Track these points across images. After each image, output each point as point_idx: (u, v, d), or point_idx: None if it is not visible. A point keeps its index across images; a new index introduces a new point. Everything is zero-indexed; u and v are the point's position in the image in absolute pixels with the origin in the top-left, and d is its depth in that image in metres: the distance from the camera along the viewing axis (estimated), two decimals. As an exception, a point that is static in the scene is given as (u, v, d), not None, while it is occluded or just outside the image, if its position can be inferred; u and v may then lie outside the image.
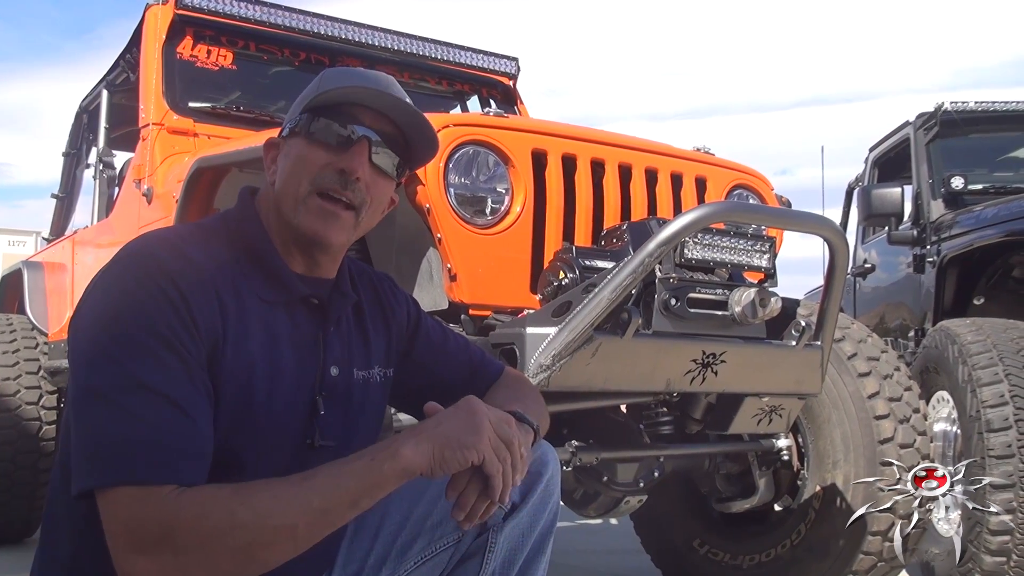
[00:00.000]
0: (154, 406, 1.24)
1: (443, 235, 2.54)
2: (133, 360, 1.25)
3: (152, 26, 3.90)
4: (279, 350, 1.42)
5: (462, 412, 1.34)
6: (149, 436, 1.23)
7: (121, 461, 1.22)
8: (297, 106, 1.50)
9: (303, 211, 1.44)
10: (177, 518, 1.20)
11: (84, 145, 5.11)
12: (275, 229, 1.48)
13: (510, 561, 1.53)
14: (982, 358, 3.49)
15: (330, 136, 1.45)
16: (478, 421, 1.32)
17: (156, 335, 1.26)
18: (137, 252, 1.36)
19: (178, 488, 1.22)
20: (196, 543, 1.21)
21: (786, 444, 3.03)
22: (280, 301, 1.45)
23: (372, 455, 1.29)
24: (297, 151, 1.46)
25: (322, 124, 1.45)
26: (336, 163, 1.44)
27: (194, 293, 1.31)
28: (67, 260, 4.76)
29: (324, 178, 1.44)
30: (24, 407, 4.44)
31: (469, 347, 1.79)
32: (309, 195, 1.44)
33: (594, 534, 5.42)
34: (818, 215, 2.76)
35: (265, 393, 1.38)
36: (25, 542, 4.69)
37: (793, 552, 3.08)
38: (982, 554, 3.30)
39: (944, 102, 5.62)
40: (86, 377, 1.27)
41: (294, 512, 1.24)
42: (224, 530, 1.21)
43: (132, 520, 1.21)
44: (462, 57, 4.50)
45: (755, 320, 2.43)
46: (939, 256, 5.07)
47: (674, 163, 2.96)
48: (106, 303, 1.31)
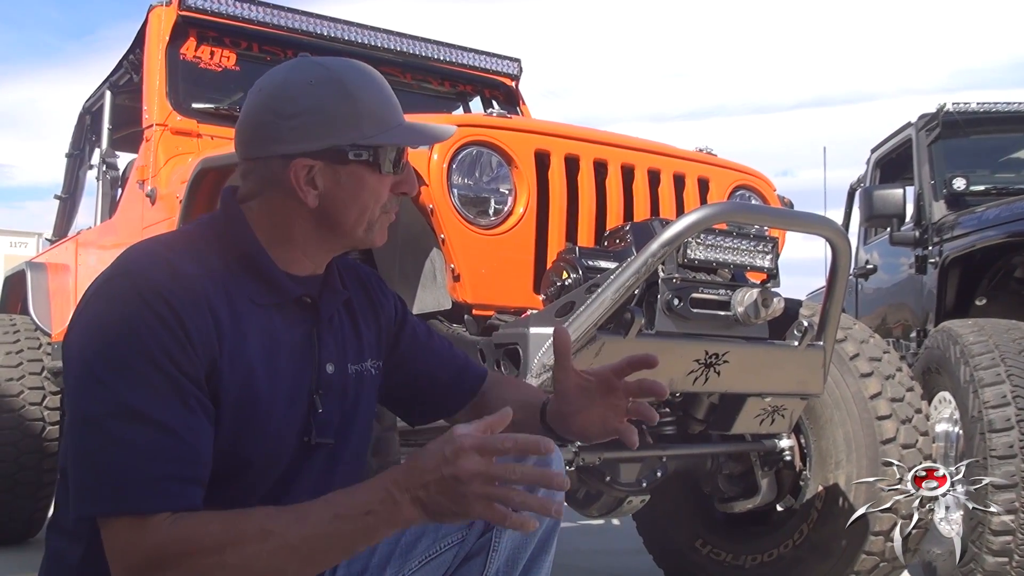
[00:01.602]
0: (146, 433, 1.25)
1: (446, 235, 2.55)
2: (125, 385, 1.26)
3: (155, 27, 3.91)
4: (276, 352, 1.42)
5: (448, 480, 1.23)
6: (141, 464, 1.24)
7: (115, 491, 1.24)
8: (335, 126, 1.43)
9: (377, 229, 1.49)
10: (166, 551, 1.23)
11: (87, 146, 5.12)
12: (296, 238, 1.46)
13: (514, 560, 1.53)
14: (984, 359, 3.49)
15: (395, 164, 1.48)
16: (462, 490, 1.23)
17: (148, 358, 1.27)
18: (127, 271, 1.35)
19: (171, 516, 1.24)
20: (183, 574, 1.23)
21: (788, 444, 3.03)
22: (273, 303, 1.45)
23: (368, 505, 1.25)
24: (364, 179, 1.45)
25: (388, 154, 1.47)
26: (397, 188, 1.50)
27: (187, 310, 1.31)
28: (70, 261, 4.77)
29: (391, 201, 1.50)
30: (28, 407, 4.45)
31: (453, 348, 1.80)
32: (379, 217, 1.49)
33: (596, 534, 5.42)
34: (820, 215, 2.77)
35: (266, 397, 1.39)
36: (29, 542, 4.70)
37: (796, 552, 3.09)
38: (984, 554, 3.30)
39: (946, 103, 5.61)
40: (81, 403, 1.29)
41: (283, 559, 1.24)
42: (210, 568, 1.23)
43: (126, 548, 1.24)
44: (464, 58, 4.51)
45: (758, 320, 2.43)
46: (941, 257, 5.07)
47: (677, 164, 2.97)
48: (99, 325, 1.31)
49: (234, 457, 1.35)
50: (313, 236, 1.47)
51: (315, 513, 1.26)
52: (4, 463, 4.38)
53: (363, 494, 1.26)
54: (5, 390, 4.45)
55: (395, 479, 1.25)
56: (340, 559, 1.29)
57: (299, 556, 1.24)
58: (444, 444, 1.24)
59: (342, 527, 1.25)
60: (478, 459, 1.22)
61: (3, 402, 4.42)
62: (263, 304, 1.43)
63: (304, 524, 1.25)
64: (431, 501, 1.24)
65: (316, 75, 1.45)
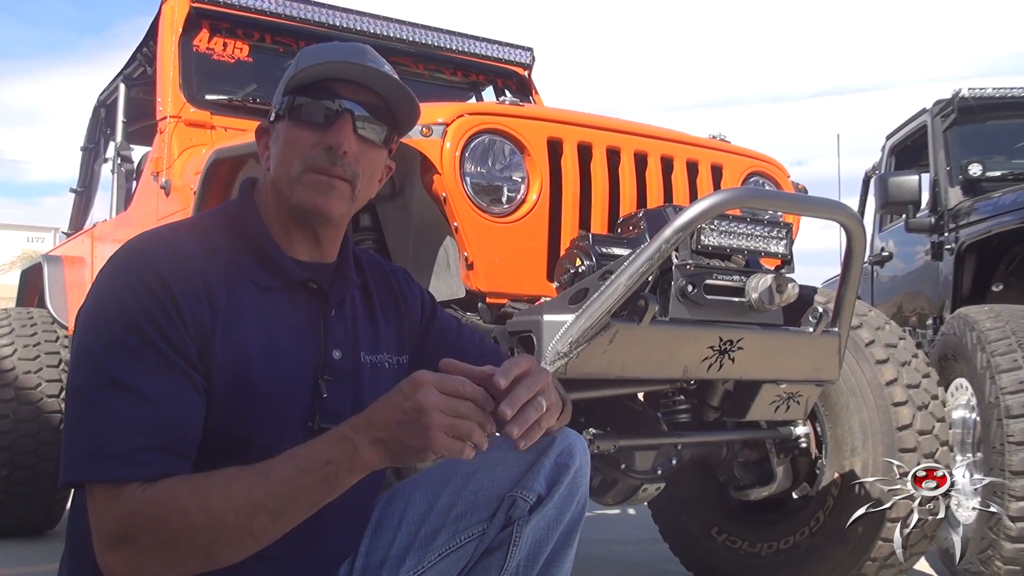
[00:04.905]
0: (125, 402, 1.28)
1: (460, 224, 2.55)
2: (110, 356, 1.30)
3: (168, 20, 3.93)
4: (277, 336, 1.44)
5: (409, 412, 1.25)
6: (117, 433, 1.27)
7: (90, 458, 1.28)
8: (280, 89, 1.53)
9: (300, 188, 1.47)
10: (137, 517, 1.25)
11: (102, 139, 5.15)
12: (275, 214, 1.51)
13: (535, 554, 1.51)
14: (1001, 344, 3.48)
15: (314, 115, 1.48)
16: (424, 421, 1.24)
17: (136, 330, 1.30)
18: (128, 249, 1.40)
19: (143, 484, 1.26)
20: (155, 542, 1.26)
21: (804, 431, 3.02)
22: (277, 287, 1.47)
23: (328, 455, 1.27)
24: (285, 134, 1.49)
25: (304, 104, 1.48)
26: (323, 141, 1.47)
27: (179, 285, 1.34)
28: (86, 254, 4.79)
29: (314, 157, 1.47)
30: (46, 400, 4.48)
31: (484, 341, 1.81)
32: (303, 173, 1.47)
33: (612, 524, 5.42)
34: (834, 200, 2.74)
35: (263, 376, 1.40)
36: (48, 534, 4.73)
37: (812, 539, 3.08)
38: (1002, 541, 3.29)
39: (961, 89, 5.58)
40: (72, 374, 1.34)
41: (249, 516, 1.26)
42: (180, 531, 1.26)
43: (101, 516, 1.28)
44: (477, 48, 4.51)
45: (772, 306, 2.42)
46: (957, 243, 5.04)
47: (690, 151, 2.96)
48: (92, 302, 1.36)
49: (230, 435, 1.37)
50: (279, 206, 1.50)
51: (277, 468, 1.28)
52: (23, 455, 4.41)
53: (322, 444, 1.29)
54: (24, 383, 4.48)
55: (353, 425, 1.28)
56: (307, 511, 1.30)
57: (265, 511, 1.27)
58: (403, 384, 1.28)
59: (304, 479, 1.27)
60: (436, 392, 1.25)
61: (22, 395, 4.45)
62: (266, 287, 1.46)
63: (267, 480, 1.27)
64: (392, 439, 1.26)
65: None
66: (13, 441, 4.39)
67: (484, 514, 1.49)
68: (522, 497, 1.48)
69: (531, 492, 1.48)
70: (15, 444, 4.40)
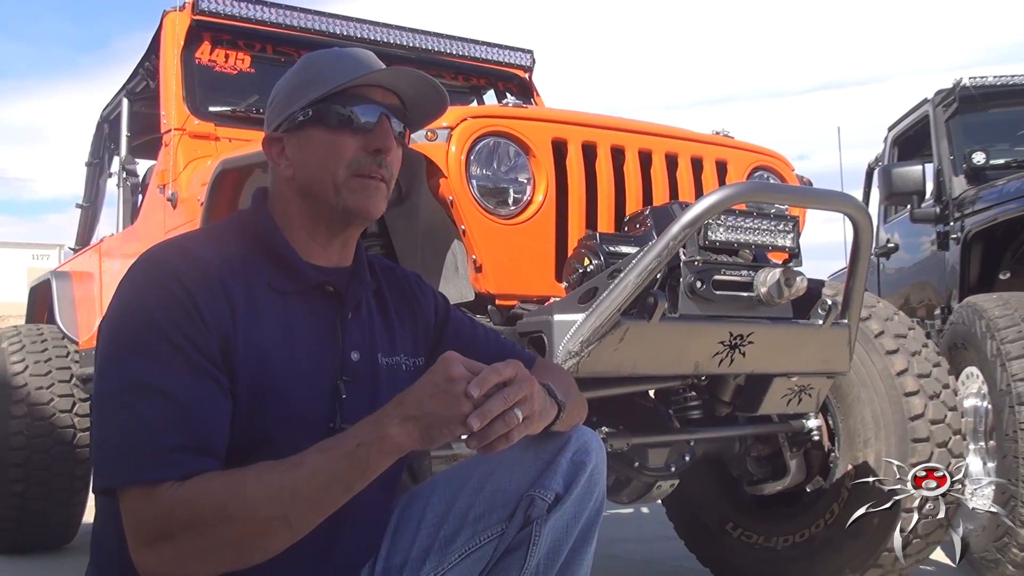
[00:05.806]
0: (155, 404, 1.30)
1: (467, 227, 2.56)
2: (136, 361, 1.32)
3: (170, 33, 3.94)
4: (295, 338, 1.46)
5: (441, 385, 1.29)
6: (149, 435, 1.29)
7: (124, 462, 1.30)
8: (294, 98, 1.55)
9: (347, 192, 1.51)
10: (173, 514, 1.27)
11: (106, 154, 5.16)
12: (296, 220, 1.53)
13: (555, 552, 1.51)
14: (1010, 332, 3.48)
15: (354, 121, 1.51)
16: (457, 390, 1.28)
17: (159, 333, 1.33)
18: (144, 258, 1.43)
19: (177, 483, 1.28)
20: (192, 537, 1.28)
21: (816, 424, 3.02)
22: (294, 290, 1.49)
23: (358, 438, 1.30)
24: (321, 140, 1.52)
25: (342, 111, 1.51)
26: (368, 145, 1.51)
27: (199, 287, 1.37)
28: (94, 269, 4.81)
29: (359, 161, 1.51)
30: (58, 415, 4.49)
31: (500, 338, 1.82)
32: (349, 178, 1.51)
33: (626, 523, 5.43)
34: (840, 192, 2.75)
35: (283, 379, 1.42)
36: (64, 549, 4.74)
37: (827, 532, 3.07)
38: (1018, 528, 3.28)
39: (962, 78, 5.58)
40: (98, 382, 1.36)
41: (285, 503, 1.28)
42: (216, 524, 1.27)
43: (137, 516, 1.29)
44: (477, 51, 4.52)
45: (781, 300, 2.43)
46: (963, 232, 5.04)
47: (694, 147, 2.96)
48: (115, 312, 1.39)
49: (254, 433, 1.40)
50: (304, 211, 1.53)
51: (309, 456, 1.31)
52: (37, 471, 4.42)
53: (352, 430, 1.33)
54: (36, 399, 4.49)
55: (383, 410, 1.32)
56: (341, 498, 1.32)
57: (299, 498, 1.29)
58: (433, 366, 1.32)
59: (336, 465, 1.30)
60: (464, 368, 1.30)
61: (34, 410, 4.46)
62: (282, 291, 1.48)
63: (300, 468, 1.30)
64: (423, 414, 1.29)
65: (296, 64, 1.60)
66: (27, 457, 4.40)
67: (503, 514, 1.49)
68: (540, 496, 1.48)
69: (549, 491, 1.49)
70: (29, 460, 4.41)
